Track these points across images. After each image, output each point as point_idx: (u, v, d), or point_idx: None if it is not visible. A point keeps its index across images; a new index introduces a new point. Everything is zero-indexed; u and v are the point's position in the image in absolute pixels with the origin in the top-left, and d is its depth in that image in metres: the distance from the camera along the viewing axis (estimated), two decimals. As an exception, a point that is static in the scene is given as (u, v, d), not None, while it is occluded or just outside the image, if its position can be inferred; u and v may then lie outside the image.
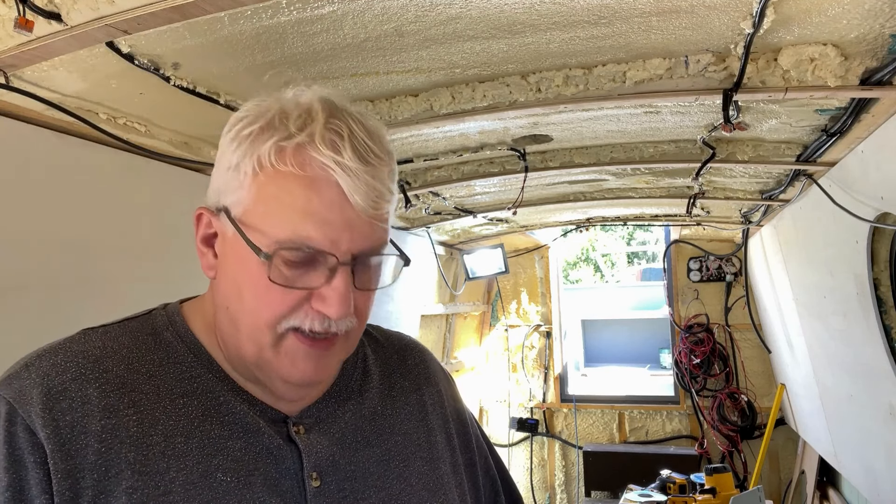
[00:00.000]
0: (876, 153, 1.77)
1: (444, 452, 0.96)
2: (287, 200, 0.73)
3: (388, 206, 0.80)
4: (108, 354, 0.78)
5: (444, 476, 0.94)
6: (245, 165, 0.75)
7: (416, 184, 2.64)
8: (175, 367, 0.80)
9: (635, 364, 8.29)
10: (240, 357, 0.81)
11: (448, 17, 1.30)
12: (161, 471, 0.72)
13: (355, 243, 0.76)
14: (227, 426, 0.78)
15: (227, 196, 0.77)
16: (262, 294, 0.75)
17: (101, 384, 0.75)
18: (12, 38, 1.07)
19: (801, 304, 3.08)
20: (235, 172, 0.76)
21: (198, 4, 1.03)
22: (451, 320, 4.87)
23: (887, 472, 2.45)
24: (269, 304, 0.75)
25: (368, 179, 0.75)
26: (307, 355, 0.78)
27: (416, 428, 0.95)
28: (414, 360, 1.04)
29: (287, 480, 0.79)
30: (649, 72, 1.56)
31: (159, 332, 0.83)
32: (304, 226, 0.73)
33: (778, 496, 4.40)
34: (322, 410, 0.87)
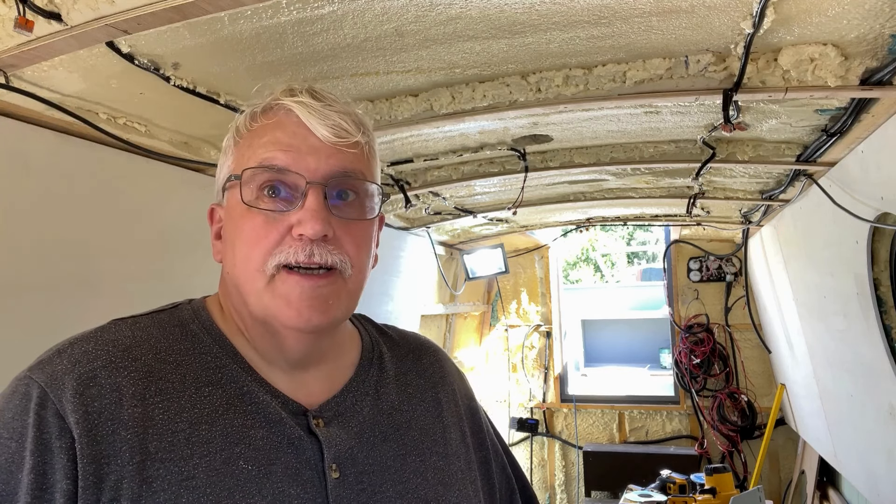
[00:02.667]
0: (876, 153, 1.77)
1: (459, 449, 0.98)
2: (257, 142, 0.84)
3: (355, 138, 0.85)
4: (138, 344, 0.80)
5: (458, 472, 0.95)
6: (228, 142, 0.89)
7: (416, 184, 2.64)
8: (201, 357, 0.83)
9: (635, 364, 8.30)
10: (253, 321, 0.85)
11: (448, 17, 1.30)
12: (185, 457, 0.74)
13: (322, 165, 0.82)
14: (249, 416, 0.80)
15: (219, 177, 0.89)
16: (248, 237, 0.81)
17: (131, 372, 0.77)
18: (12, 38, 1.07)
19: (801, 304, 3.08)
20: (224, 154, 0.90)
21: (198, 4, 1.03)
22: (451, 320, 4.87)
23: (887, 471, 2.45)
24: (255, 244, 0.81)
25: (327, 112, 0.83)
26: (301, 292, 0.80)
27: (431, 424, 0.96)
28: (429, 359, 1.06)
29: (307, 471, 0.81)
30: (649, 72, 1.56)
31: (186, 324, 0.86)
32: (270, 153, 0.82)
33: (778, 496, 4.40)
34: (340, 405, 0.89)
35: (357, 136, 0.85)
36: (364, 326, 1.04)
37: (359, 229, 0.86)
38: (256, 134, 0.85)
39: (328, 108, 0.84)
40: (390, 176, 2.46)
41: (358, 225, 0.86)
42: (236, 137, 0.88)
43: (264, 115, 0.86)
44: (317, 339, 0.87)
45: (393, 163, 2.38)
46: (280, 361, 0.87)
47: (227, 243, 0.86)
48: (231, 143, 0.89)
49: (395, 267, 3.48)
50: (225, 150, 0.90)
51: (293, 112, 0.83)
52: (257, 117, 0.86)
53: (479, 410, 1.09)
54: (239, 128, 0.88)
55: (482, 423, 1.08)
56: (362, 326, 1.04)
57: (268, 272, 0.80)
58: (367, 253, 0.88)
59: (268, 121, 0.85)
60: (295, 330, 0.83)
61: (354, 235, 0.85)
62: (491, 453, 1.06)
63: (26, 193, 1.34)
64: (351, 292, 0.86)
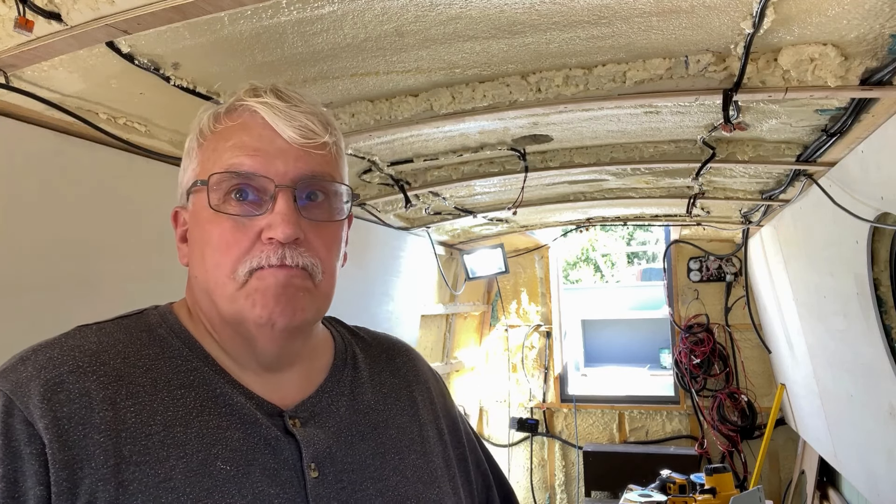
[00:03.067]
0: (876, 153, 1.77)
1: (437, 447, 0.98)
2: (222, 145, 0.83)
3: (322, 139, 0.84)
4: (105, 349, 0.79)
5: (437, 469, 0.95)
6: (192, 143, 0.87)
7: (416, 184, 2.64)
8: (171, 360, 0.82)
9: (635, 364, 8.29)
10: (223, 324, 0.84)
11: (448, 17, 1.30)
12: (161, 459, 0.73)
13: (290, 168, 0.82)
14: (224, 417, 0.79)
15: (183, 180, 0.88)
16: (217, 243, 0.81)
17: (99, 377, 0.76)
18: (12, 38, 1.07)
19: (801, 304, 3.08)
20: (187, 156, 0.88)
21: (198, 4, 1.03)
22: (451, 320, 4.87)
23: (887, 471, 2.45)
24: (225, 250, 0.80)
25: (293, 113, 0.83)
26: (273, 291, 0.80)
27: (408, 423, 0.96)
28: (402, 359, 1.06)
29: (286, 471, 0.80)
30: (649, 72, 1.56)
31: (153, 329, 0.85)
32: (237, 158, 0.81)
33: (778, 496, 4.40)
34: (316, 405, 0.88)
35: (324, 136, 0.85)
36: (336, 328, 1.04)
37: (329, 231, 0.86)
38: (221, 136, 0.84)
39: (294, 109, 0.83)
40: (390, 176, 2.46)
41: (328, 227, 0.86)
42: (200, 139, 0.86)
43: (228, 117, 0.85)
44: (289, 340, 0.86)
45: (393, 163, 2.38)
46: (252, 364, 0.86)
47: (195, 248, 0.85)
48: (195, 144, 0.87)
49: (395, 267, 3.48)
50: (188, 153, 0.89)
51: (258, 114, 0.82)
52: (221, 118, 0.85)
53: (455, 407, 1.10)
54: (202, 129, 0.86)
55: (458, 420, 1.08)
56: (334, 328, 1.04)
57: (239, 279, 0.80)
58: (336, 254, 0.88)
59: (232, 122, 0.84)
60: (267, 329, 0.82)
61: (325, 237, 0.85)
62: (467, 450, 1.06)
63: (26, 193, 1.34)
64: (322, 295, 0.86)
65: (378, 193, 2.63)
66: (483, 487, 1.08)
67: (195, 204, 0.85)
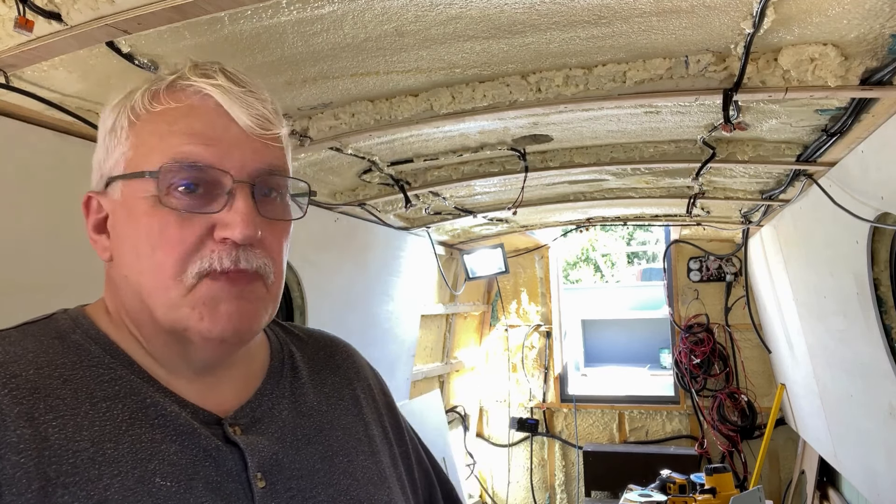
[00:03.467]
0: (876, 153, 1.77)
1: (383, 446, 0.94)
2: (166, 129, 0.73)
3: (279, 131, 0.78)
4: (13, 359, 0.70)
5: (385, 469, 0.92)
6: (120, 121, 0.75)
7: (416, 184, 2.64)
8: (91, 369, 0.73)
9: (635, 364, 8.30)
10: (156, 331, 0.75)
11: (448, 17, 1.30)
12: (93, 479, 0.65)
13: (248, 161, 0.74)
14: (158, 429, 0.72)
15: (107, 163, 0.76)
16: (158, 239, 0.71)
17: (11, 390, 0.67)
18: (12, 38, 1.07)
19: (801, 304, 3.08)
20: (112, 134, 0.76)
21: (198, 4, 1.03)
22: (451, 320, 4.87)
23: (887, 472, 2.45)
24: (168, 248, 0.71)
25: (249, 99, 0.75)
26: (226, 297, 0.73)
27: (353, 423, 0.92)
28: (341, 355, 1.01)
29: (230, 483, 0.73)
30: (649, 72, 1.56)
31: (65, 335, 0.75)
32: (189, 146, 0.72)
33: (778, 496, 4.40)
34: (256, 410, 0.82)
35: (280, 127, 0.78)
36: (270, 327, 0.96)
37: (282, 230, 0.79)
38: (163, 118, 0.73)
39: (250, 95, 0.75)
40: (390, 176, 2.47)
41: (282, 225, 0.79)
42: (131, 117, 0.74)
43: (171, 96, 0.74)
44: (234, 349, 0.81)
45: (393, 163, 2.38)
46: (185, 370, 0.79)
47: (124, 243, 0.75)
48: (124, 122, 0.75)
49: (395, 267, 3.48)
50: (114, 129, 0.76)
51: (210, 97, 0.73)
52: (160, 97, 0.74)
53: (395, 404, 1.05)
54: (135, 107, 0.74)
55: (399, 416, 1.04)
56: (268, 327, 0.96)
57: (187, 281, 0.71)
58: (286, 255, 0.82)
59: (177, 104, 0.73)
60: (217, 341, 0.75)
61: (279, 237, 0.79)
62: (410, 448, 1.02)
63: (26, 193, 1.34)
64: (273, 298, 0.80)
65: (378, 193, 2.63)
66: (426, 485, 1.04)
67: (126, 193, 0.74)
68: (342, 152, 2.08)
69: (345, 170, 2.40)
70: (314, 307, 2.72)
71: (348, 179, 2.53)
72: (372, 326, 3.37)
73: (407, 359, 3.92)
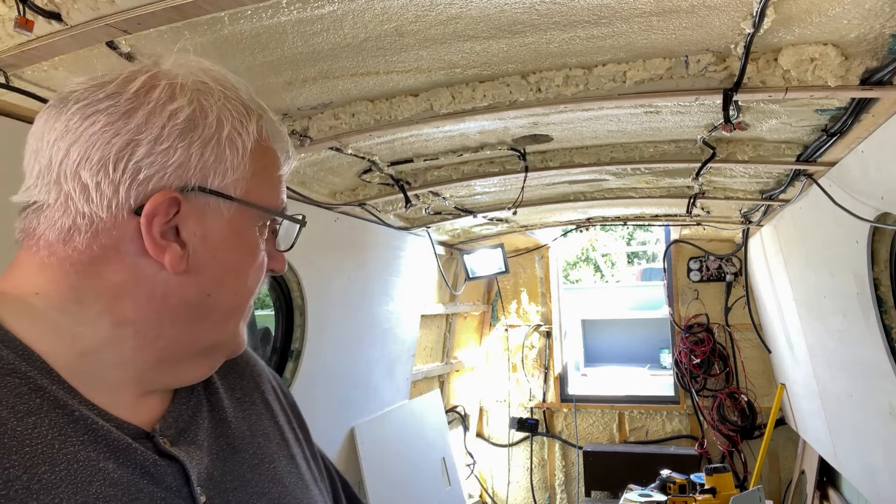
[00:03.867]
0: (876, 153, 1.77)
1: (297, 448, 0.92)
2: (276, 174, 0.79)
3: None
4: None
5: (305, 472, 0.90)
6: (239, 141, 0.73)
7: (416, 184, 2.64)
8: (6, 378, 0.63)
9: (635, 364, 8.29)
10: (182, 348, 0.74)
11: (448, 17, 1.30)
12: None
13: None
14: (90, 446, 0.64)
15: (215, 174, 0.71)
16: (256, 268, 0.77)
17: None
18: (12, 37, 1.07)
19: (801, 304, 3.08)
20: (230, 148, 0.72)
21: (198, 4, 1.03)
22: (451, 320, 4.87)
23: (887, 471, 2.45)
24: (259, 277, 0.78)
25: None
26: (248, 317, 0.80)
27: (270, 427, 0.90)
28: (243, 359, 0.96)
29: (174, 499, 0.68)
30: (649, 72, 1.56)
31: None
32: (282, 196, 0.80)
33: (778, 496, 4.40)
34: (178, 420, 0.76)
35: None
36: None
37: None
38: (272, 160, 0.78)
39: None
40: (390, 176, 2.46)
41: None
42: (256, 142, 0.74)
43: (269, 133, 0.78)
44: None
45: (393, 163, 2.38)
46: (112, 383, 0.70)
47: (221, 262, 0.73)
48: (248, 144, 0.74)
49: (395, 267, 3.48)
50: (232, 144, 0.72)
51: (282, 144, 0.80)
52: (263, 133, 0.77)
53: (296, 403, 1.02)
54: (262, 134, 0.76)
55: (301, 414, 1.01)
56: None
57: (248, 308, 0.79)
58: None
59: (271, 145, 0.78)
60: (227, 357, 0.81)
61: None
62: (316, 448, 1.00)
63: (26, 193, 1.33)
64: None
65: (378, 193, 2.63)
66: (332, 485, 1.01)
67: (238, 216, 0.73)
68: (342, 152, 2.08)
69: (345, 170, 2.39)
70: (314, 307, 2.72)
71: (348, 179, 2.53)
72: (372, 326, 3.37)
73: (407, 359, 3.92)
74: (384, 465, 3.46)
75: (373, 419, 3.48)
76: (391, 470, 3.51)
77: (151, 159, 0.67)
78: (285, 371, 2.70)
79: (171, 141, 0.68)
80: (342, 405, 3.20)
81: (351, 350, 3.21)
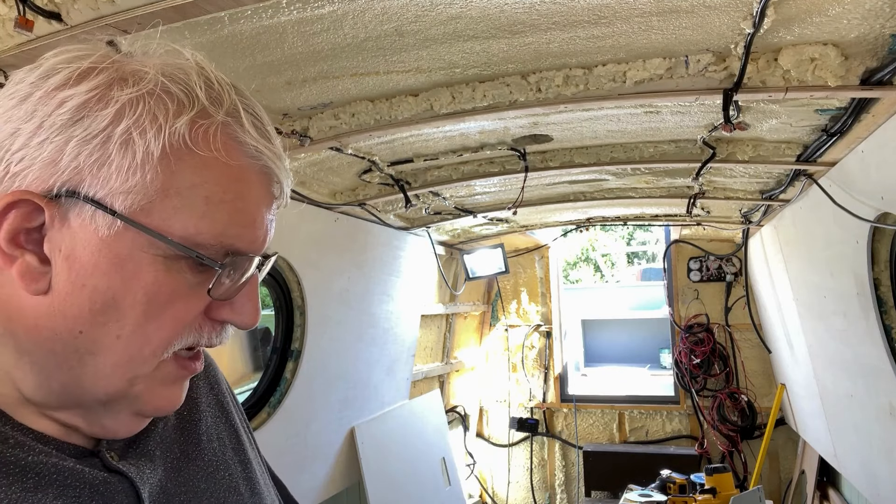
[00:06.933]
0: (876, 153, 1.77)
1: (251, 452, 0.86)
2: (218, 196, 0.59)
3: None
4: None
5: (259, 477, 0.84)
6: (140, 143, 0.56)
7: (416, 184, 2.64)
8: None
9: (635, 364, 8.29)
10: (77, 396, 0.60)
11: (448, 17, 1.30)
12: None
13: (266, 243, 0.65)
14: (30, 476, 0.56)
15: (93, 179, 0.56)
16: (157, 309, 0.58)
17: None
18: (12, 37, 1.07)
19: (801, 303, 3.08)
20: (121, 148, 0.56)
21: (198, 4, 1.03)
22: (451, 320, 4.88)
23: (887, 471, 2.45)
24: (166, 323, 0.59)
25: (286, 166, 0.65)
26: (183, 377, 0.65)
27: (225, 431, 0.82)
28: None
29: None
30: (649, 72, 1.56)
31: None
32: (236, 230, 0.60)
33: (778, 496, 4.40)
34: None
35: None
36: None
37: None
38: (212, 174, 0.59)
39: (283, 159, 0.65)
40: (390, 176, 2.47)
41: None
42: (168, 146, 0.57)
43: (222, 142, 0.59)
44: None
45: (393, 163, 2.38)
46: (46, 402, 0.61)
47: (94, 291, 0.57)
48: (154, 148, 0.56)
49: (395, 267, 3.49)
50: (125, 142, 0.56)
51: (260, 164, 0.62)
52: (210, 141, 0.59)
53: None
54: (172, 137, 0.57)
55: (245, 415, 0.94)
56: None
57: (164, 357, 0.61)
58: None
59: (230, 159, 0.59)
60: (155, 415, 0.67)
61: None
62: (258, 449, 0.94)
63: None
64: None
65: (378, 193, 2.63)
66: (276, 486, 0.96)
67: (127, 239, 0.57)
68: (342, 152, 2.08)
69: (345, 170, 2.40)
70: (314, 307, 2.72)
71: (348, 179, 2.53)
72: (372, 326, 3.37)
73: (407, 359, 3.93)
74: (384, 465, 3.46)
75: (373, 419, 3.49)
76: (391, 470, 3.51)
77: (22, 153, 0.55)
78: (285, 371, 2.70)
79: (48, 133, 0.55)
80: (342, 405, 3.20)
81: (351, 350, 3.21)
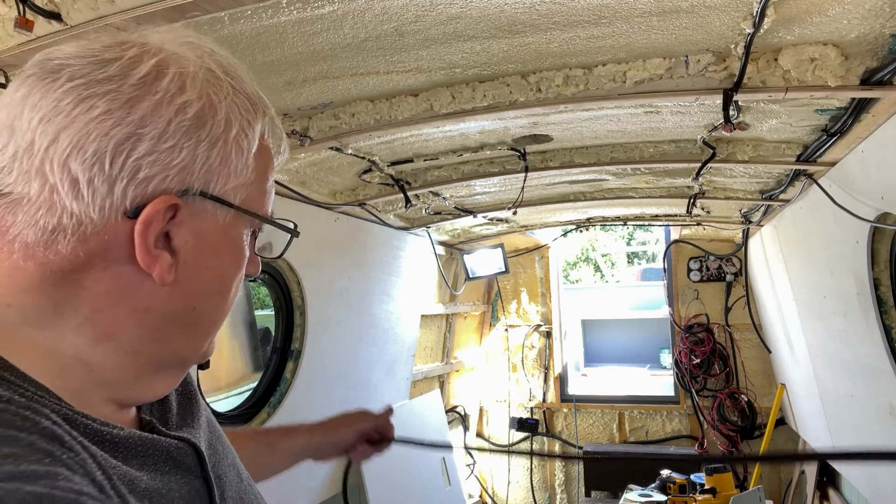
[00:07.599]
0: (876, 153, 1.77)
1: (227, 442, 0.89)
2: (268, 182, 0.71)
3: None
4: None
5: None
6: (245, 143, 0.65)
7: (416, 184, 2.64)
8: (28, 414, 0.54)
9: (635, 364, 8.29)
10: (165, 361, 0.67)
11: (448, 17, 1.30)
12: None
13: None
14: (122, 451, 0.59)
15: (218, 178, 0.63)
16: (240, 279, 0.70)
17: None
18: (12, 37, 1.07)
19: (801, 303, 3.08)
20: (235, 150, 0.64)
21: (198, 4, 1.03)
22: (451, 320, 4.87)
23: (887, 471, 2.45)
24: (238, 288, 0.71)
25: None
26: None
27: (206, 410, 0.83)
28: None
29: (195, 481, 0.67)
30: (649, 72, 1.56)
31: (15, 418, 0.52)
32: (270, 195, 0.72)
33: (778, 496, 4.40)
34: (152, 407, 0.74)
35: None
36: None
37: None
38: (269, 163, 0.71)
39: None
40: (390, 176, 2.46)
41: None
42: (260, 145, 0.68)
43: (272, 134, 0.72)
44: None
45: (393, 163, 2.38)
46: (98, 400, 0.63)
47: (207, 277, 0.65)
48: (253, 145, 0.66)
49: (395, 267, 3.49)
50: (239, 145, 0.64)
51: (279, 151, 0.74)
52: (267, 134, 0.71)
53: None
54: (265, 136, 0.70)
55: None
56: None
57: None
58: None
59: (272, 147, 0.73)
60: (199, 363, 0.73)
61: None
62: None
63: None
64: None
65: (378, 193, 2.63)
66: None
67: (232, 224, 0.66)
68: (342, 152, 2.08)
69: (345, 170, 2.40)
70: (314, 307, 2.72)
71: (348, 179, 2.53)
72: (372, 326, 3.37)
73: (407, 359, 3.92)
74: (384, 465, 3.46)
75: (373, 419, 3.48)
76: (391, 470, 3.51)
77: (154, 157, 0.58)
78: (285, 371, 2.70)
79: (176, 139, 0.59)
80: (342, 405, 3.18)
81: (351, 350, 3.21)
